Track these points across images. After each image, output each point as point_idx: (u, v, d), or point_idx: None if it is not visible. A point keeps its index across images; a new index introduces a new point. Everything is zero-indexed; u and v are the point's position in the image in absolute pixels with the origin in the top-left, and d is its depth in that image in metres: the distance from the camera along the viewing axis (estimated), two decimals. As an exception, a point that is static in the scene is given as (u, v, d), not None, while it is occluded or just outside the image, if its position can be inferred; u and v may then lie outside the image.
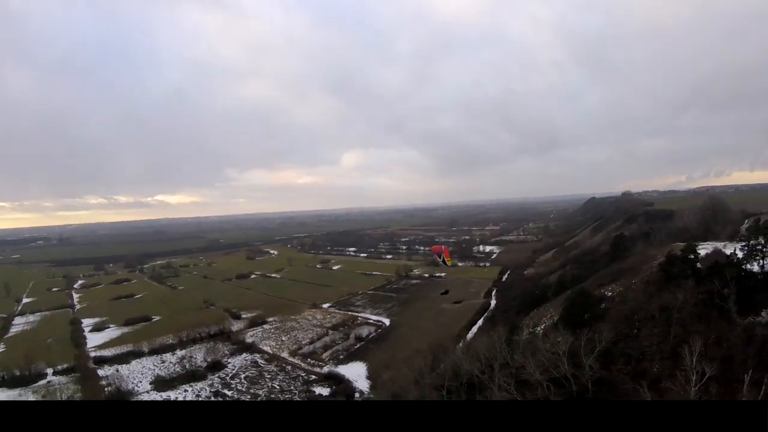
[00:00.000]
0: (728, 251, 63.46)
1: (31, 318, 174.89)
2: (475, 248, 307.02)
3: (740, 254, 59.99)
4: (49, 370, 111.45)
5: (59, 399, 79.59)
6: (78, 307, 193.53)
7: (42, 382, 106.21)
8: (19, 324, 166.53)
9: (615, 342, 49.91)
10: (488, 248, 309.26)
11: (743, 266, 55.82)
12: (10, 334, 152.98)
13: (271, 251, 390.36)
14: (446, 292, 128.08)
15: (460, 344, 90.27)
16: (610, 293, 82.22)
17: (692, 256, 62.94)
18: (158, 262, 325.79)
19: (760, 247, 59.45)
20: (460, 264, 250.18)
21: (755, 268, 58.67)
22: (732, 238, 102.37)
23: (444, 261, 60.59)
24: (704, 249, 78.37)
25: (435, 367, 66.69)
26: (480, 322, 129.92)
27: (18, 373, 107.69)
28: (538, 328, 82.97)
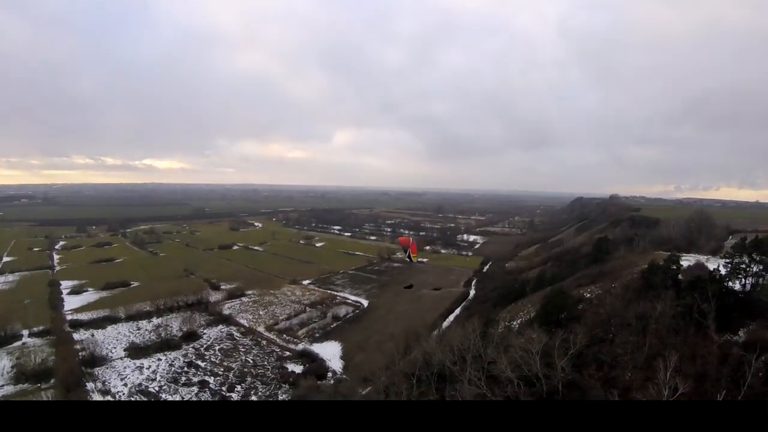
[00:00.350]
0: (711, 266, 63.86)
1: (10, 278, 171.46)
2: (459, 237, 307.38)
3: (723, 271, 59.96)
4: (25, 332, 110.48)
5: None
6: (58, 268, 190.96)
7: (17, 343, 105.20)
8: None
9: (588, 345, 49.96)
10: (472, 238, 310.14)
11: (725, 283, 55.84)
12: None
13: (256, 223, 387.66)
14: (410, 286, 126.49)
15: (435, 332, 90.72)
16: (588, 295, 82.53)
17: (674, 267, 63.26)
18: (141, 227, 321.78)
19: (743, 266, 59.27)
20: (443, 251, 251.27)
21: (737, 286, 58.59)
22: (715, 252, 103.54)
23: (410, 256, 57.55)
24: (686, 261, 78.95)
25: (407, 354, 66.86)
26: (457, 311, 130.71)
27: None
28: (514, 323, 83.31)
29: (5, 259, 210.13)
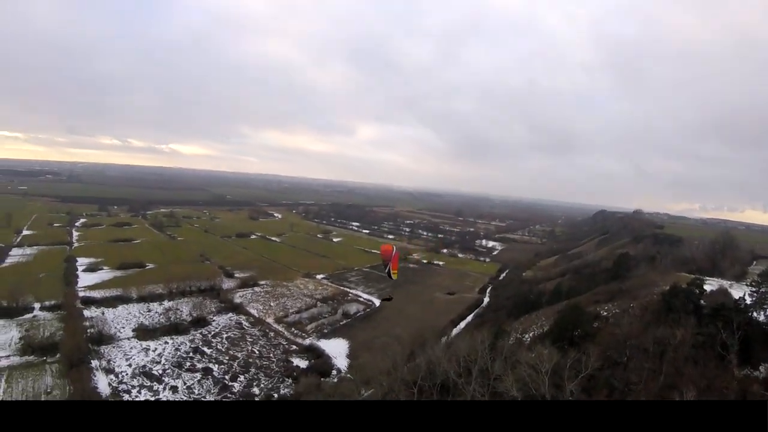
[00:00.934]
0: (735, 293, 61.03)
1: (28, 251, 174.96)
2: (477, 241, 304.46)
3: (748, 300, 57.04)
4: (37, 305, 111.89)
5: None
6: (75, 245, 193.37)
7: (27, 315, 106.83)
8: (16, 255, 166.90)
9: (601, 368, 47.86)
10: (491, 243, 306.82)
11: (749, 314, 53.05)
12: (4, 264, 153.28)
13: (276, 214, 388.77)
14: (389, 299, 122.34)
15: (443, 339, 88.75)
16: (605, 313, 79.91)
17: (697, 292, 60.54)
18: (162, 210, 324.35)
19: (771, 296, 56.27)
20: (460, 255, 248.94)
21: (761, 317, 55.81)
22: (739, 278, 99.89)
23: (389, 272, 50.24)
24: (709, 285, 75.80)
25: (412, 359, 65.18)
26: (469, 317, 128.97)
27: (5, 304, 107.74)
28: (526, 336, 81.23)
29: (25, 232, 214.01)
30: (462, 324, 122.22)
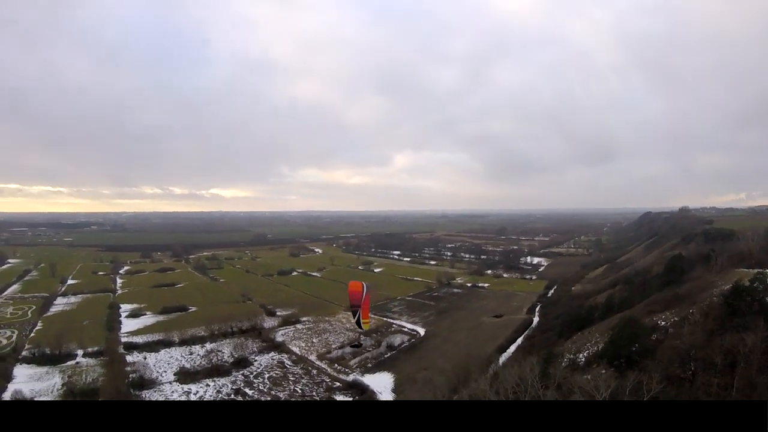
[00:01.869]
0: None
1: (72, 299, 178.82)
2: (522, 259, 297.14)
3: None
4: (80, 352, 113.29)
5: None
6: (119, 292, 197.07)
7: (70, 362, 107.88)
8: (60, 304, 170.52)
9: (665, 388, 42.86)
10: (536, 260, 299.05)
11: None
12: (49, 313, 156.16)
13: (316, 249, 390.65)
14: (358, 345, 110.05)
15: (490, 369, 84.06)
16: (662, 323, 74.18)
17: (762, 288, 54.80)
18: (204, 254, 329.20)
19: None
20: (505, 275, 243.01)
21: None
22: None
23: (359, 321, 42.93)
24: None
25: (457, 392, 61.25)
26: (519, 340, 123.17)
27: (48, 352, 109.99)
28: (581, 356, 76.03)
29: (70, 281, 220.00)
30: (512, 348, 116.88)
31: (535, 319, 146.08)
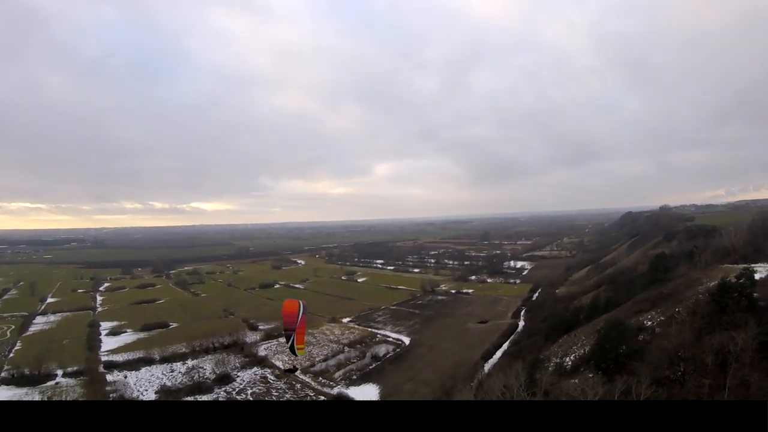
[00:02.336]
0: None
1: (52, 318, 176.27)
2: (505, 263, 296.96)
3: None
4: (60, 371, 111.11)
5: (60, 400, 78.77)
6: (99, 309, 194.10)
7: (50, 382, 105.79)
8: (39, 323, 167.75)
9: (655, 391, 41.33)
10: (519, 264, 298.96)
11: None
12: (28, 333, 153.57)
13: (299, 261, 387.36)
14: (294, 370, 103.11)
15: (476, 379, 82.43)
16: (649, 323, 73.02)
17: (748, 283, 53.71)
18: (185, 268, 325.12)
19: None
20: (489, 280, 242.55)
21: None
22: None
23: (293, 346, 38.36)
24: (758, 273, 68.42)
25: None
26: (505, 345, 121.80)
27: (28, 372, 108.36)
28: (567, 359, 74.71)
29: (50, 299, 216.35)
30: (498, 353, 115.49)
31: (521, 323, 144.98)
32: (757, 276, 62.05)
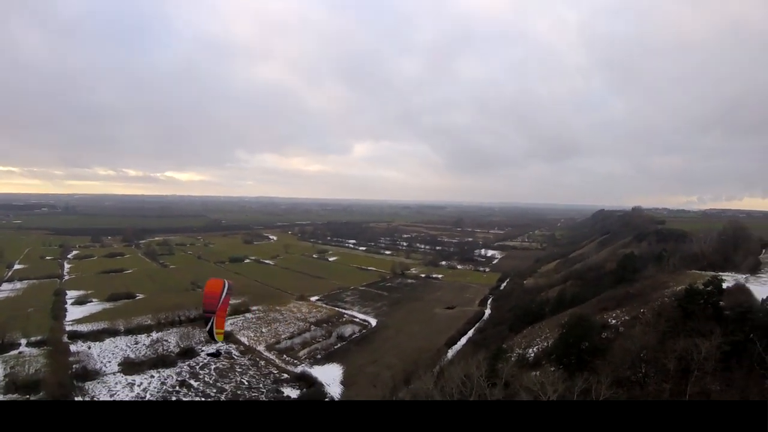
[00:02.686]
0: (753, 288, 55.08)
1: (18, 285, 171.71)
2: (476, 251, 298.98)
3: None
4: (23, 341, 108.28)
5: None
6: (66, 278, 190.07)
7: (13, 352, 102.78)
8: (5, 290, 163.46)
9: (614, 391, 41.66)
10: (490, 252, 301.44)
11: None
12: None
13: (271, 236, 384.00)
14: (217, 354, 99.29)
15: (437, 366, 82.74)
16: (613, 321, 73.82)
17: (716, 291, 54.26)
18: (156, 239, 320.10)
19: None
20: (459, 267, 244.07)
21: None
22: (753, 270, 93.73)
23: (211, 329, 37.25)
24: (725, 282, 69.37)
25: (400, 389, 59.67)
26: (470, 333, 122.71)
27: None
28: (530, 351, 75.29)
29: (16, 266, 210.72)
30: (463, 340, 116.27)
31: (487, 312, 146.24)
32: (724, 285, 62.76)
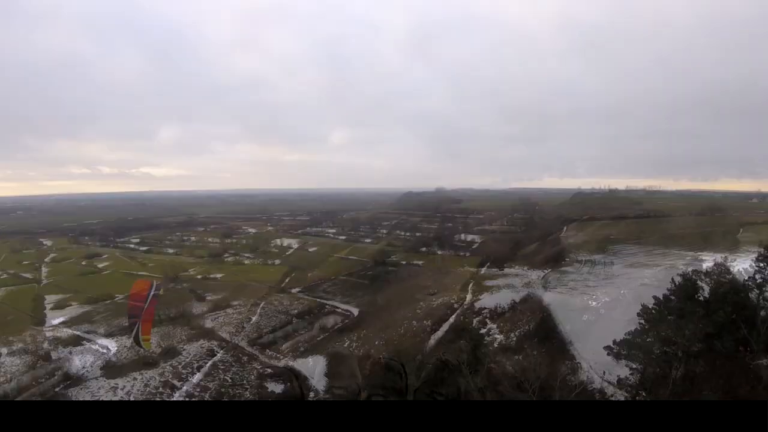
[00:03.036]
0: (735, 267, 55.41)
1: None
2: (456, 236, 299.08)
3: (758, 277, 48.62)
4: (5, 350, 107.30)
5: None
6: (45, 282, 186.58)
7: None
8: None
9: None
10: (470, 237, 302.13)
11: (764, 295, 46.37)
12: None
13: (250, 229, 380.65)
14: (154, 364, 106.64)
15: (419, 355, 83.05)
16: (593, 303, 74.74)
17: (696, 272, 54.33)
18: (133, 238, 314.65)
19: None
20: (439, 252, 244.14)
21: (769, 293, 48.78)
22: (732, 249, 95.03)
23: (137, 335, 39.60)
24: (705, 262, 69.79)
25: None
26: (452, 319, 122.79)
27: None
28: (512, 335, 75.74)
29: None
30: (445, 326, 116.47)
31: (468, 296, 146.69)
32: (704, 265, 63.19)
